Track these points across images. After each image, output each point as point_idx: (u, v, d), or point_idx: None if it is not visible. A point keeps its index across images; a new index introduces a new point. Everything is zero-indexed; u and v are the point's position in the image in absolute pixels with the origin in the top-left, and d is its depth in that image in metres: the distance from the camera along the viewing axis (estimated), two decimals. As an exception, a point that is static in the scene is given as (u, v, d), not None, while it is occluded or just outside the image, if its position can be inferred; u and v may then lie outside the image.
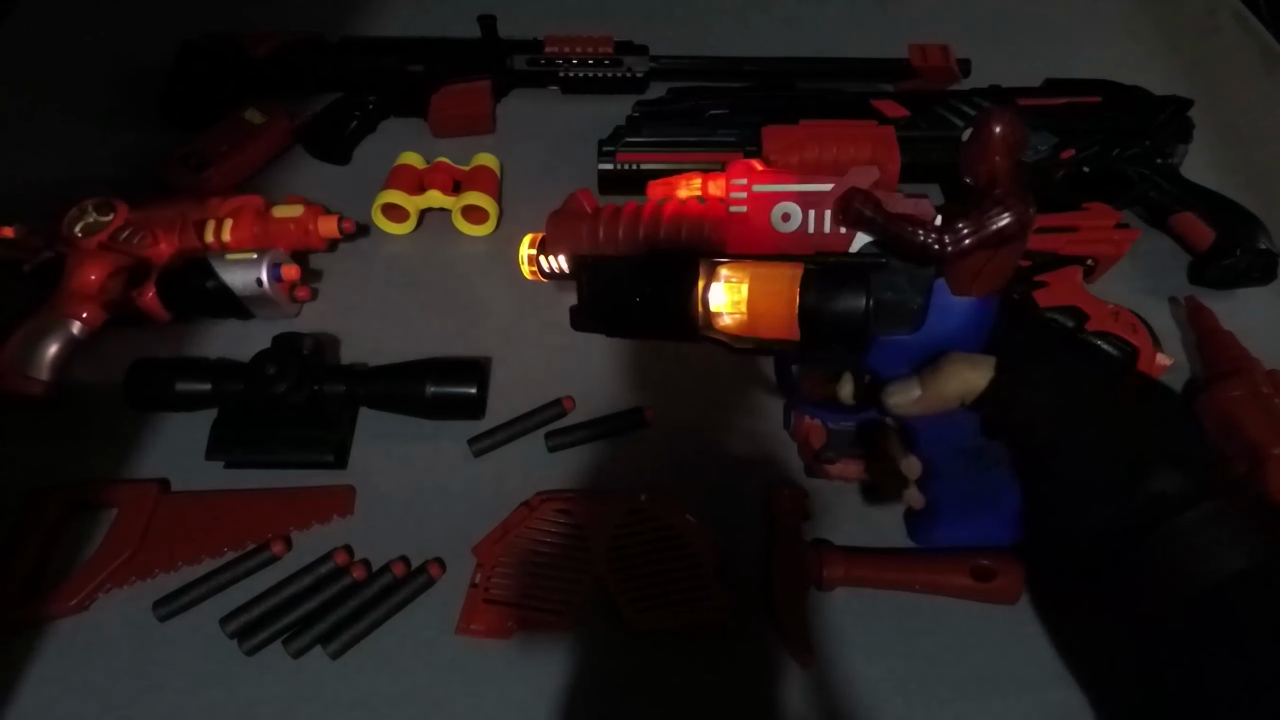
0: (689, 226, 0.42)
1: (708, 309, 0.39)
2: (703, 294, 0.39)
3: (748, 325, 0.39)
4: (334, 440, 0.50)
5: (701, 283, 0.39)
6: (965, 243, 0.34)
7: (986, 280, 0.36)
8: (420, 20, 0.77)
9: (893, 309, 0.38)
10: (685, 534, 0.47)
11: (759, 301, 0.38)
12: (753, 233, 0.40)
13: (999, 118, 0.33)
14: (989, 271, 0.35)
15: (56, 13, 0.78)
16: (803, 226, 0.39)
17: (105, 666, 0.44)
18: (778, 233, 0.39)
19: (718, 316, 0.39)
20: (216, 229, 0.56)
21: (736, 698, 0.44)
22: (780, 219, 0.39)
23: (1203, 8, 0.84)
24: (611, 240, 0.44)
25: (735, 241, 0.40)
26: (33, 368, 0.51)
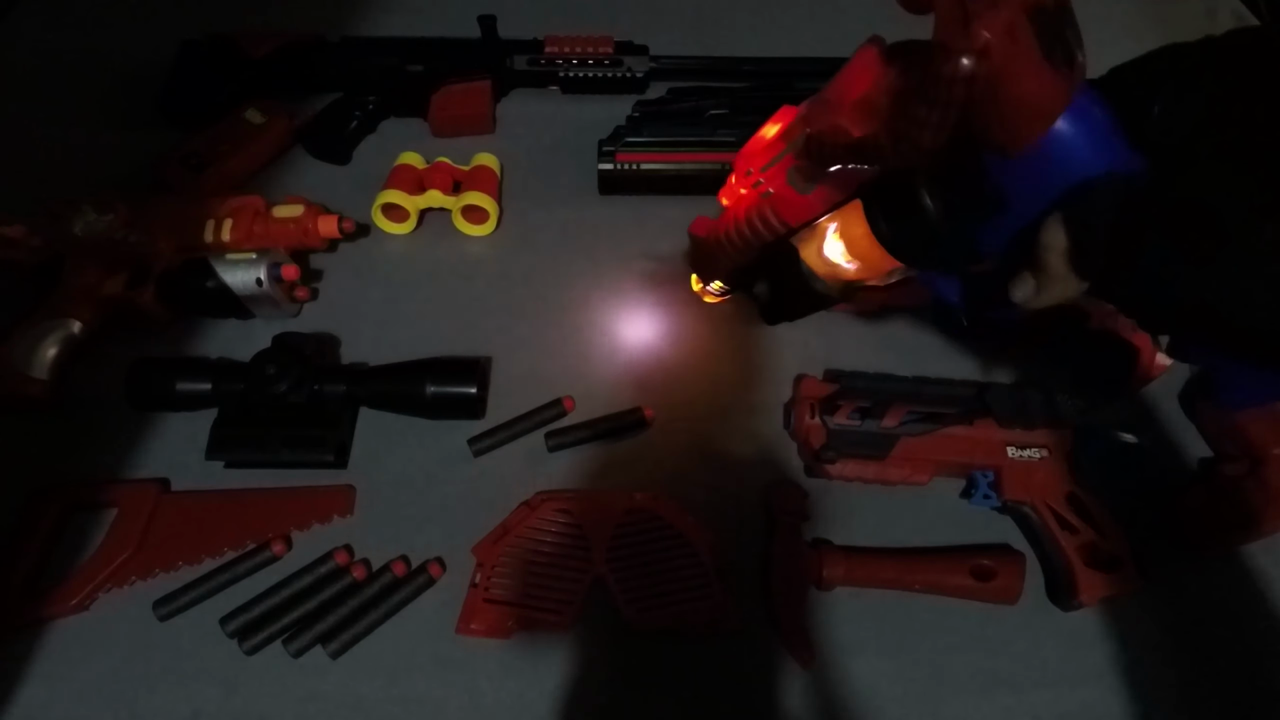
0: (753, 220, 0.41)
1: (831, 266, 0.38)
2: (822, 253, 0.37)
3: (871, 266, 0.37)
4: (334, 440, 0.50)
5: (809, 248, 0.38)
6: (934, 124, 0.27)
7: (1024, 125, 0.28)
8: (420, 20, 0.77)
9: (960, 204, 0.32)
10: (685, 534, 0.47)
11: (856, 244, 0.36)
12: (791, 204, 0.38)
13: None
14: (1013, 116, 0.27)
15: (56, 13, 0.78)
16: (816, 179, 0.36)
17: (105, 666, 0.44)
18: (808, 194, 0.37)
19: (842, 269, 0.38)
20: (216, 229, 0.56)
21: (736, 698, 0.44)
22: (798, 182, 0.37)
23: (1203, 8, 0.84)
24: (733, 255, 0.43)
25: (787, 216, 0.39)
26: (33, 368, 0.51)
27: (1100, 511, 0.48)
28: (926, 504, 0.50)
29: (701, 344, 0.56)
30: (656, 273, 0.60)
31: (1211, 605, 0.48)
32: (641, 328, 0.57)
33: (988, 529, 0.49)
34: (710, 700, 0.44)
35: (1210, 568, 0.49)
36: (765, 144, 0.39)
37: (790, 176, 0.37)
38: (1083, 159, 0.28)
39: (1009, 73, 0.25)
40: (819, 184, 0.36)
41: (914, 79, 0.27)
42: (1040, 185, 0.29)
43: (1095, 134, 0.28)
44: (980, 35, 0.24)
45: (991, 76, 0.25)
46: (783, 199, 0.38)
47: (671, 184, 0.63)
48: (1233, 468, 0.50)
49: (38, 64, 0.73)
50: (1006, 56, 0.25)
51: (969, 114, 0.27)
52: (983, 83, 0.25)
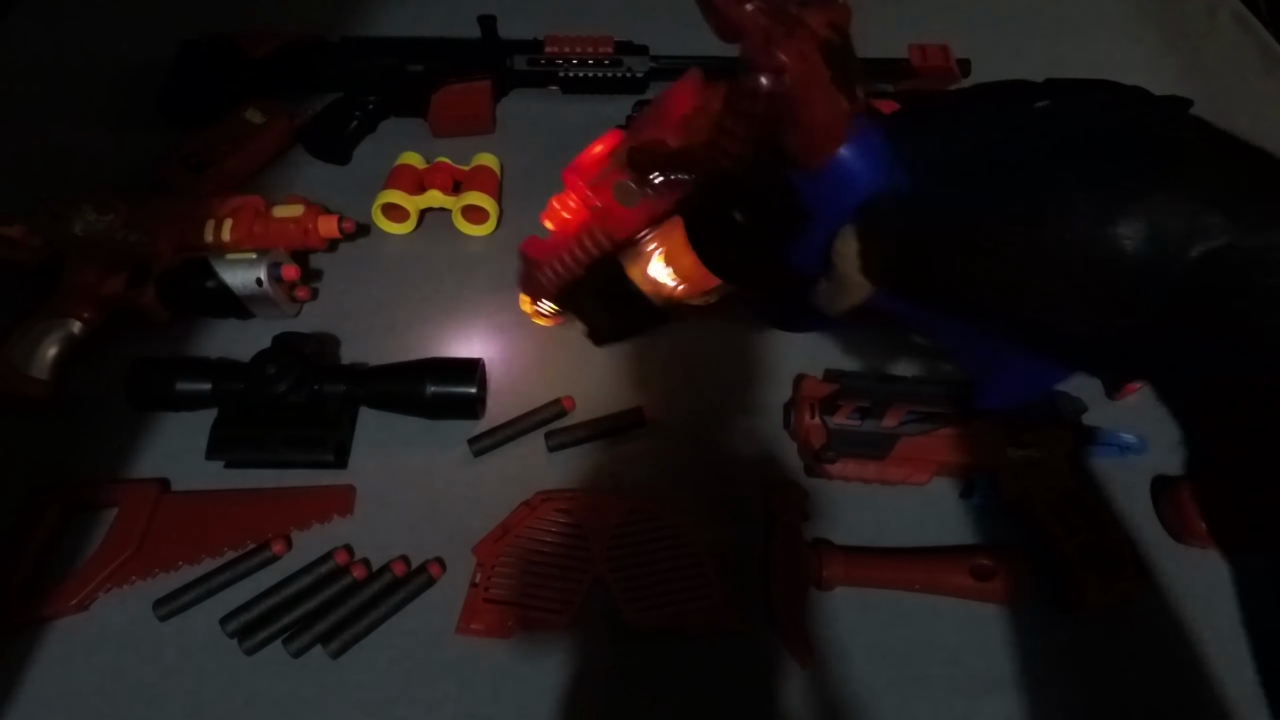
0: (586, 236, 0.42)
1: (658, 285, 0.40)
2: (644, 277, 0.40)
3: (691, 285, 0.40)
4: (334, 440, 0.50)
5: (635, 269, 0.40)
6: (737, 146, 0.30)
7: (816, 143, 0.32)
8: (420, 20, 0.77)
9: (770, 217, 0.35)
10: (685, 534, 0.47)
11: (679, 262, 0.39)
12: (619, 217, 0.41)
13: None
14: (806, 134, 0.31)
15: (56, 13, 0.78)
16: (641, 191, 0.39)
17: (105, 666, 0.44)
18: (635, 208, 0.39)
19: (668, 288, 0.40)
20: (216, 229, 0.56)
21: (736, 698, 0.44)
22: (623, 195, 0.40)
23: (1203, 8, 0.84)
24: (568, 272, 0.45)
25: (618, 230, 0.41)
26: (33, 368, 0.51)
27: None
28: (926, 504, 0.50)
29: (701, 344, 0.56)
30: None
31: (1212, 605, 0.48)
32: (641, 328, 0.57)
33: (988, 529, 0.49)
34: (710, 700, 0.44)
35: (1210, 567, 0.49)
36: (592, 159, 0.42)
37: (616, 190, 0.40)
38: (866, 178, 0.32)
39: (802, 93, 0.30)
40: (642, 199, 0.39)
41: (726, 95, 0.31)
42: (834, 202, 0.33)
43: (874, 157, 0.32)
44: (778, 56, 0.29)
45: (788, 94, 0.29)
46: (609, 213, 0.41)
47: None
48: (1233, 468, 0.50)
49: (38, 64, 0.73)
50: (800, 77, 0.29)
51: (771, 131, 0.31)
52: (780, 99, 0.29)
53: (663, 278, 0.40)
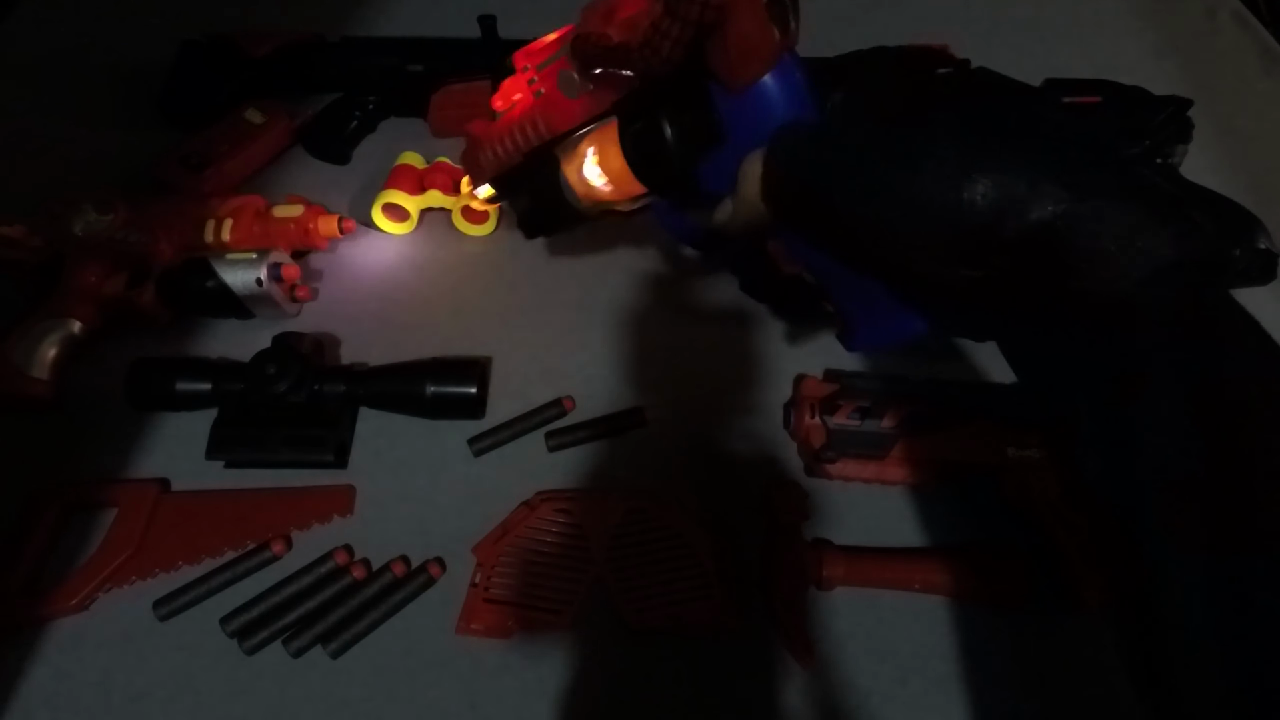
0: (527, 123, 0.44)
1: (588, 186, 0.41)
2: (578, 176, 0.41)
3: (618, 189, 0.41)
4: (334, 440, 0.50)
5: (570, 165, 0.41)
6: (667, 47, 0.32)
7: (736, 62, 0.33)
8: (420, 20, 0.77)
9: (693, 131, 0.37)
10: (685, 534, 0.47)
11: (611, 165, 0.40)
12: (561, 108, 0.42)
13: None
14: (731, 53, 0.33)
15: (56, 13, 0.78)
16: (584, 84, 0.40)
17: (105, 666, 0.44)
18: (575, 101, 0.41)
19: (597, 190, 0.41)
20: (216, 229, 0.56)
21: (736, 698, 0.44)
22: (566, 86, 0.41)
23: (1202, 8, 0.84)
24: (505, 158, 0.46)
25: (559, 121, 0.42)
26: (33, 368, 0.51)
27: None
28: (926, 504, 0.50)
29: (701, 344, 0.56)
30: (657, 272, 0.60)
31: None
32: (642, 327, 0.57)
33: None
34: (710, 700, 0.44)
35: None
36: (544, 44, 0.43)
37: (560, 79, 0.41)
38: (783, 109, 0.35)
39: (736, 11, 0.31)
40: (583, 93, 0.40)
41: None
42: (750, 126, 0.35)
43: (794, 90, 0.35)
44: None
45: (723, 8, 0.31)
46: (551, 102, 0.42)
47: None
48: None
49: (38, 64, 0.73)
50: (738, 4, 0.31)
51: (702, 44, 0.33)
52: (715, 11, 0.31)
53: (594, 179, 0.41)
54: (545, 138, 0.43)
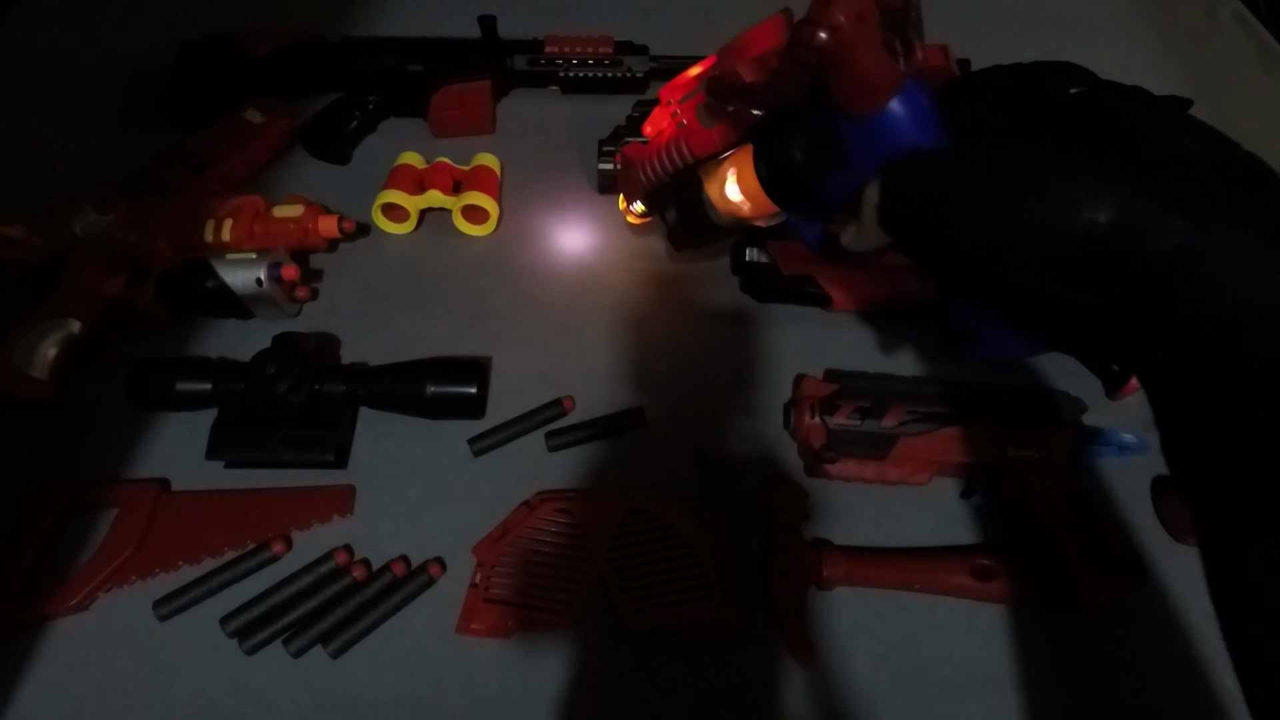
0: (672, 150, 0.48)
1: (730, 203, 0.45)
2: (721, 194, 0.45)
3: (755, 207, 0.44)
4: (334, 440, 0.50)
5: (712, 184, 0.45)
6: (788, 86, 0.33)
7: (855, 97, 0.34)
8: (420, 20, 0.77)
9: (818, 154, 0.38)
10: (685, 534, 0.47)
11: (747, 184, 0.43)
12: (701, 137, 0.45)
13: None
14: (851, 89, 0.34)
15: (56, 13, 0.78)
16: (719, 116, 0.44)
17: (105, 666, 0.44)
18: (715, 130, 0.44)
19: (738, 207, 0.45)
20: (216, 229, 0.56)
21: (736, 698, 0.44)
22: (706, 117, 0.44)
23: (1202, 8, 0.84)
24: (652, 179, 0.50)
25: (698, 148, 0.46)
26: (33, 368, 0.51)
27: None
28: (926, 504, 0.50)
29: (701, 344, 0.56)
30: (657, 272, 0.60)
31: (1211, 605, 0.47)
32: (642, 327, 0.57)
33: (988, 529, 0.49)
34: (710, 700, 0.44)
35: (1210, 568, 0.49)
36: (686, 80, 0.47)
37: (699, 112, 0.45)
38: (905, 135, 0.34)
39: (851, 51, 0.31)
40: (719, 122, 0.44)
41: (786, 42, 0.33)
42: (872, 150, 0.35)
43: (917, 116, 0.34)
44: (835, 15, 0.30)
45: (838, 51, 0.31)
46: (692, 131, 0.46)
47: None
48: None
49: (38, 64, 0.73)
50: (851, 36, 0.31)
51: (823, 80, 0.33)
52: (831, 55, 0.31)
53: (734, 196, 0.44)
54: (689, 161, 0.47)
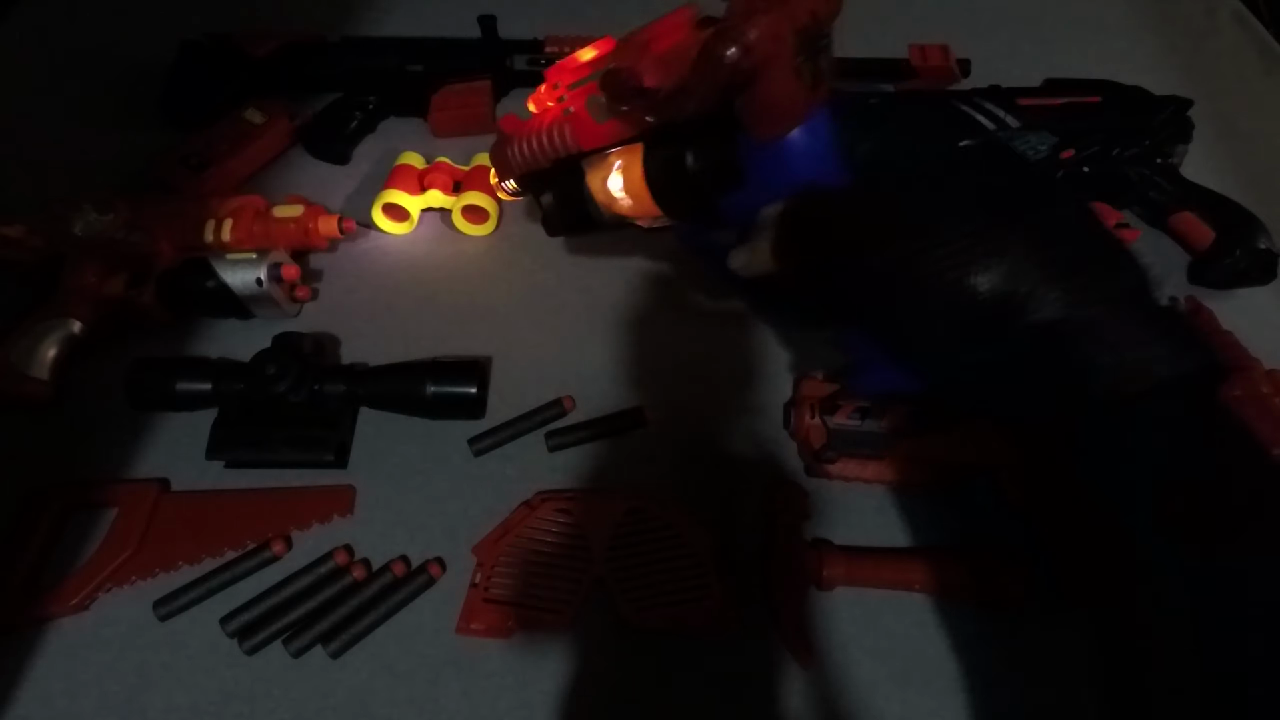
0: (554, 133, 0.44)
1: (610, 197, 0.42)
2: (605, 185, 0.42)
3: (637, 206, 0.41)
4: (334, 440, 0.50)
5: (594, 177, 0.42)
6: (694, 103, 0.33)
7: (765, 118, 0.34)
8: (420, 20, 0.77)
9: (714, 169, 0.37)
10: (685, 534, 0.47)
11: (633, 184, 0.41)
12: (590, 128, 0.42)
13: None
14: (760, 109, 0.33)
15: (56, 13, 0.78)
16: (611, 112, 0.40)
17: (105, 666, 0.44)
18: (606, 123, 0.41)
19: (620, 201, 0.42)
20: (216, 229, 0.56)
21: (736, 698, 0.44)
22: (596, 110, 0.41)
23: (1202, 8, 0.84)
24: (529, 159, 0.47)
25: (585, 139, 0.43)
26: (33, 368, 0.51)
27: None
28: (927, 504, 0.50)
29: (701, 344, 0.56)
30: (657, 272, 0.60)
31: (1211, 605, 0.48)
32: (642, 327, 0.57)
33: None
34: (710, 700, 0.44)
35: (1210, 568, 0.49)
36: (577, 64, 0.43)
37: (590, 104, 0.41)
38: (806, 164, 0.34)
39: (764, 71, 0.30)
40: (611, 118, 0.41)
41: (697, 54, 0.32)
42: (772, 175, 0.35)
43: (820, 148, 0.34)
44: (751, 32, 0.29)
45: (750, 70, 0.30)
46: (580, 121, 0.42)
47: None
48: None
49: (38, 64, 0.73)
50: (765, 57, 0.30)
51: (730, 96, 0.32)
52: (742, 73, 0.30)
53: (616, 192, 0.42)
54: (571, 150, 0.44)
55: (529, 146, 0.46)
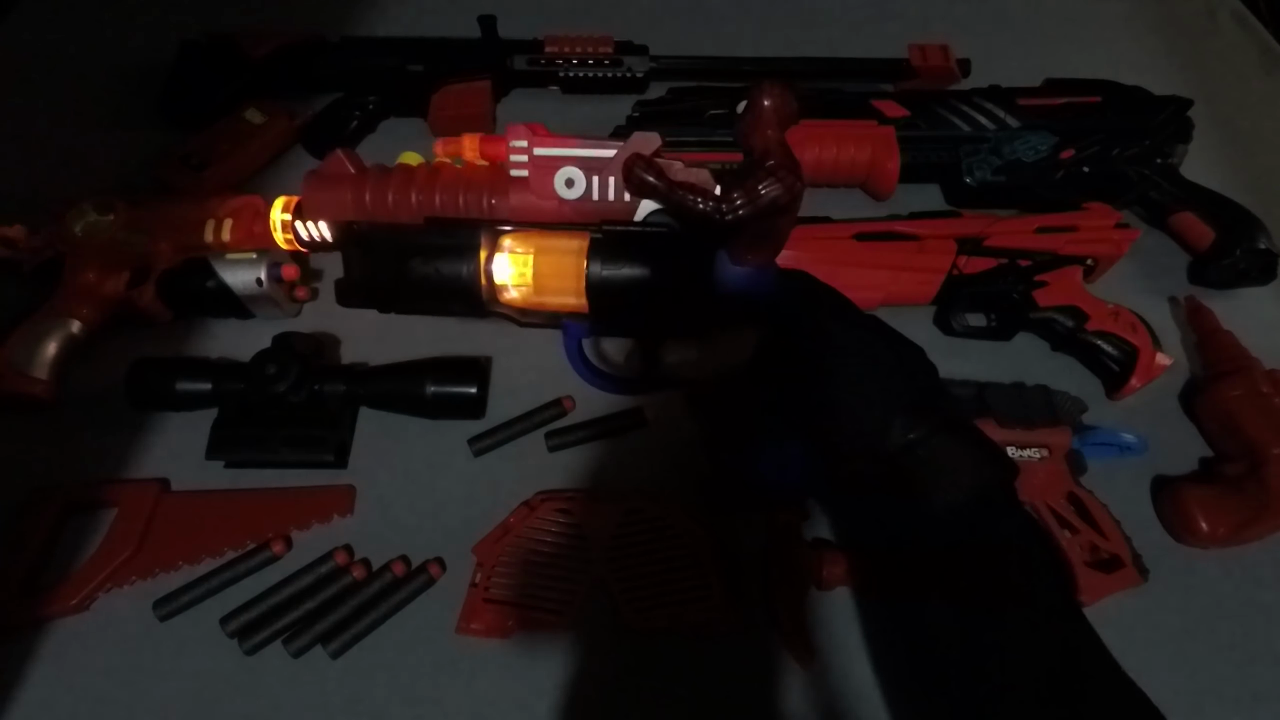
0: (468, 192, 0.41)
1: (491, 282, 0.39)
2: (485, 266, 0.39)
3: (535, 298, 0.39)
4: (334, 440, 0.50)
5: (484, 254, 0.39)
6: (740, 211, 0.34)
7: (762, 250, 0.36)
8: (420, 20, 0.77)
9: (680, 282, 0.38)
10: (685, 534, 0.47)
11: (546, 274, 0.38)
12: (536, 199, 0.40)
13: (769, 91, 0.34)
14: (765, 240, 0.36)
15: (56, 13, 0.78)
16: (588, 193, 0.39)
17: (105, 666, 0.44)
18: (561, 199, 0.39)
19: (503, 290, 0.39)
20: (216, 229, 0.56)
21: (736, 698, 0.44)
22: (564, 185, 0.40)
23: (1203, 8, 0.84)
24: (382, 206, 0.42)
25: (518, 208, 0.40)
26: (33, 368, 0.51)
27: (1100, 511, 0.48)
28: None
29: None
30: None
31: (1211, 605, 0.48)
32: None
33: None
34: (710, 700, 0.44)
35: (1210, 567, 0.49)
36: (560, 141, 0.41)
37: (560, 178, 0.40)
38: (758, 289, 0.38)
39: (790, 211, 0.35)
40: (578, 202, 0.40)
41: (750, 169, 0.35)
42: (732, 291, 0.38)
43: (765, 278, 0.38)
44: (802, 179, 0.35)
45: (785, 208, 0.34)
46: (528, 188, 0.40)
47: (671, 184, 0.63)
48: (1233, 467, 0.50)
49: (38, 64, 0.73)
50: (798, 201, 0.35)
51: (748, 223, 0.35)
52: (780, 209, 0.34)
53: (503, 277, 0.39)
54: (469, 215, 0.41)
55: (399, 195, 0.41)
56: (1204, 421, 0.53)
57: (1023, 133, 0.61)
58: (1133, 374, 0.53)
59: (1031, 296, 0.55)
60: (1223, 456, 0.52)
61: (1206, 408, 0.53)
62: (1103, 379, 0.55)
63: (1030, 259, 0.55)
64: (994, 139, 0.62)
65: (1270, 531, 0.48)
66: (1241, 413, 0.50)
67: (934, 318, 0.58)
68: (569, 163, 0.39)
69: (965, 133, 0.62)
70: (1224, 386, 0.52)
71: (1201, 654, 0.46)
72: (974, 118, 0.62)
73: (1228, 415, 0.51)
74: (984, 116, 0.62)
